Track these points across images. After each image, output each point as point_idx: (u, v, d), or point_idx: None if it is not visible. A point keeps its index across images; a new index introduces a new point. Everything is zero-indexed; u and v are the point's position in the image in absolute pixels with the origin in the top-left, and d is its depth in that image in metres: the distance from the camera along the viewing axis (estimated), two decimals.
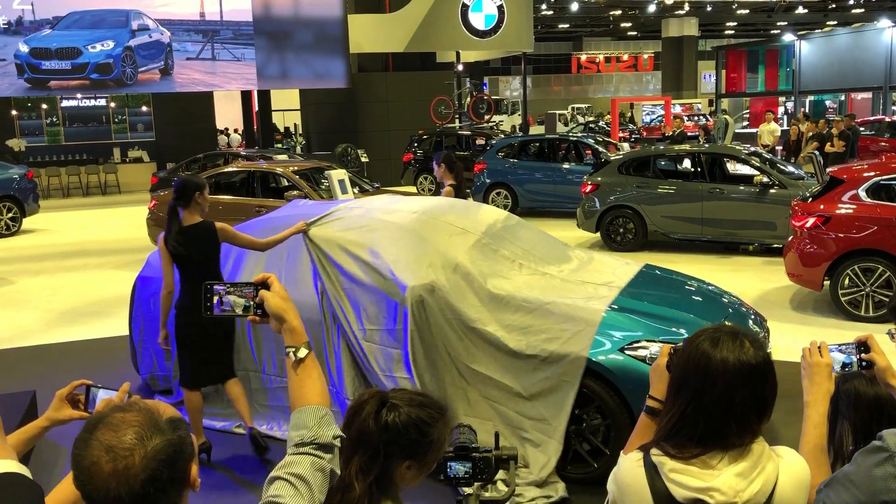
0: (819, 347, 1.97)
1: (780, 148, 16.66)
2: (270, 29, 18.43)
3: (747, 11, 35.51)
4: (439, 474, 2.00)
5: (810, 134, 15.45)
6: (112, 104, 24.18)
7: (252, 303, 1.64)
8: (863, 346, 1.94)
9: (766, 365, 1.71)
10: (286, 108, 26.78)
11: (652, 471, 1.70)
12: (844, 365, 1.95)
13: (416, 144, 18.08)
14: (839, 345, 1.97)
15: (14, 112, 22.94)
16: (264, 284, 1.64)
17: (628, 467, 1.75)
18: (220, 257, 4.76)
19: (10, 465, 1.27)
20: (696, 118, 30.57)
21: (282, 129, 29.50)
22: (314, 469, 1.51)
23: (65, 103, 23.63)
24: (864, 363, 1.93)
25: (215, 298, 1.65)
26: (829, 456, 2.02)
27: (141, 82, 17.91)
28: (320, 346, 4.84)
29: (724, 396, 1.67)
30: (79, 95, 22.25)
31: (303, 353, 1.62)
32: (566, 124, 34.21)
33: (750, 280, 9.16)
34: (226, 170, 11.83)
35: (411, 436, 1.73)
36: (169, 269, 4.60)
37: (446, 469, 2.00)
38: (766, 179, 10.19)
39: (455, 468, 2.01)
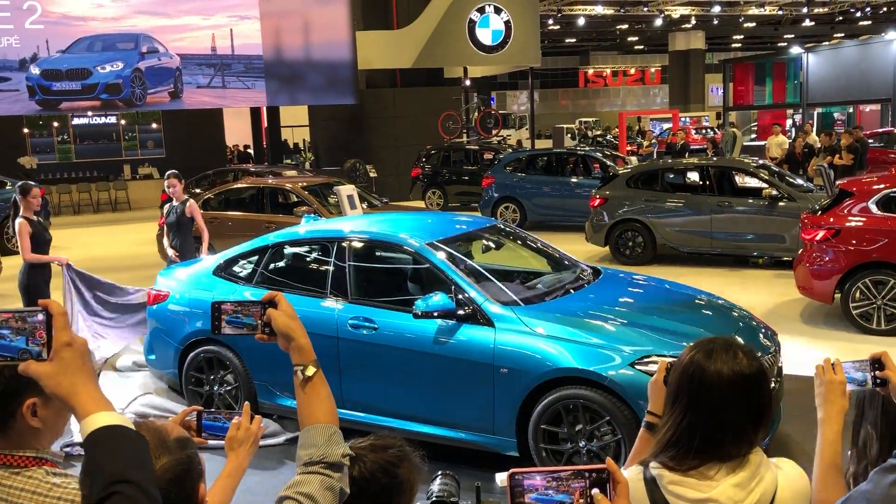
0: (833, 365, 1.95)
1: (780, 158, 16.51)
2: (280, 59, 18.59)
3: (754, 24, 35.55)
4: None
5: (822, 147, 15.35)
6: (122, 121, 24.34)
7: (260, 321, 1.64)
8: (877, 363, 1.91)
9: (761, 375, 1.72)
10: (295, 125, 26.89)
11: (651, 484, 1.70)
12: (859, 382, 1.93)
13: (424, 160, 18.13)
14: (853, 362, 1.95)
15: (26, 130, 23.12)
16: (272, 303, 1.64)
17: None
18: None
19: (114, 418, 1.23)
20: (704, 131, 30.55)
21: (291, 146, 29.60)
22: (323, 488, 1.50)
23: (76, 121, 23.80)
24: (878, 381, 1.91)
25: (224, 317, 1.66)
26: (852, 460, 2.01)
27: (150, 104, 18.06)
28: None
29: (720, 407, 1.68)
30: (89, 113, 22.43)
31: (311, 371, 1.62)
32: (574, 138, 34.22)
33: (760, 294, 9.11)
34: (235, 186, 11.88)
35: (381, 481, 1.70)
36: None
37: None
38: (775, 192, 10.15)
39: None
